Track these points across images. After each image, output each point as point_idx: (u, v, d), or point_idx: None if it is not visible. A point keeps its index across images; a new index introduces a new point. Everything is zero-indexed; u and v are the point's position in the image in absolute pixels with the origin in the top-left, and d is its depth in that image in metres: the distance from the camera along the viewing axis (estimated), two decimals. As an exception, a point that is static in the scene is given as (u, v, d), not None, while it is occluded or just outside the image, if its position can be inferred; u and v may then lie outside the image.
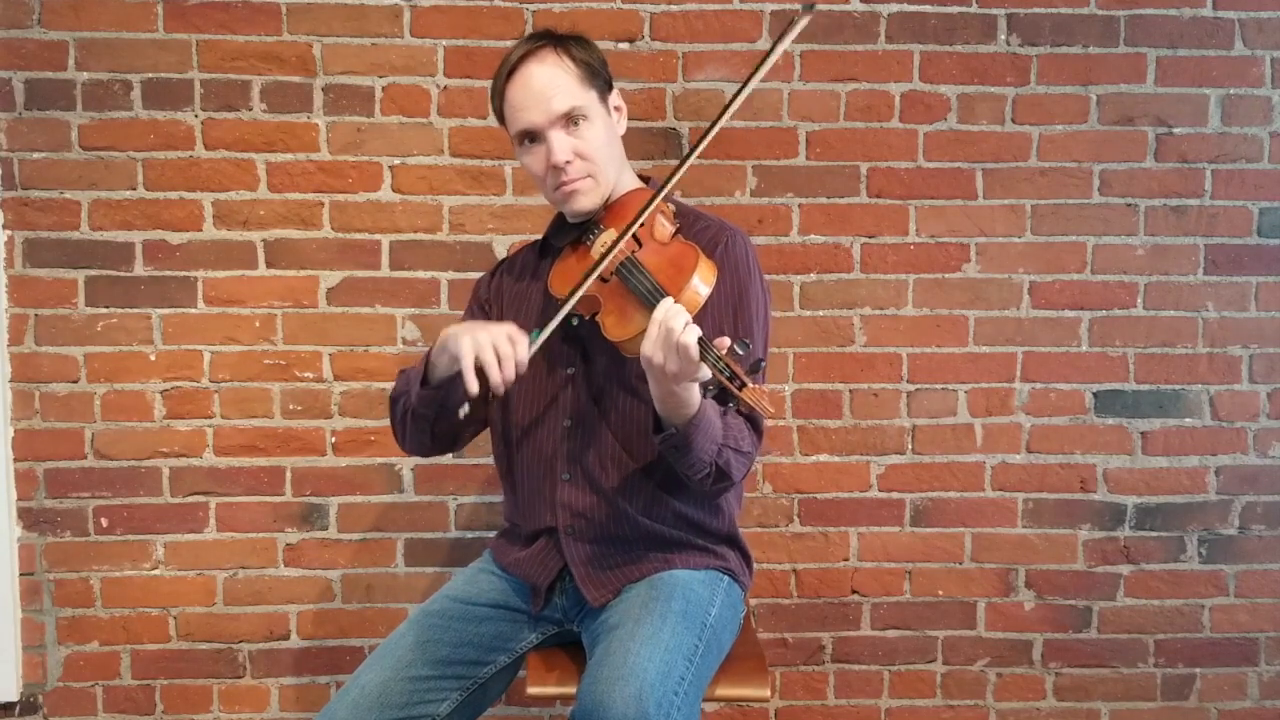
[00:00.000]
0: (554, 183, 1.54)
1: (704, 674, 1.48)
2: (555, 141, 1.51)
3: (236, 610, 2.20)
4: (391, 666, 1.51)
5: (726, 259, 1.54)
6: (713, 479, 1.47)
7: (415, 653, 1.53)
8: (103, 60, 2.09)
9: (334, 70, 2.12)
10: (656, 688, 1.33)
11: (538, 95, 1.51)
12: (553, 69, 1.53)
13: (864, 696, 2.27)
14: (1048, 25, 2.15)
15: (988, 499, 2.23)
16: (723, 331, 1.46)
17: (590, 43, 1.60)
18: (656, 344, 1.33)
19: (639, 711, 1.30)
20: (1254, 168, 2.18)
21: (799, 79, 2.15)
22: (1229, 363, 2.22)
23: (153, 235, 2.13)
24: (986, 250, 2.19)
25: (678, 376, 1.33)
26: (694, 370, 1.31)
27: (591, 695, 1.34)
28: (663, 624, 1.44)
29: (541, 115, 1.51)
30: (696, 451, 1.41)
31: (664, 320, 1.33)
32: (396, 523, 2.21)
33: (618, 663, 1.36)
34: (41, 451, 2.15)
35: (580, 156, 1.53)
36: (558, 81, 1.52)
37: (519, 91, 1.53)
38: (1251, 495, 2.24)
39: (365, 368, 2.17)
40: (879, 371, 2.20)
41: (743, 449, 1.48)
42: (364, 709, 1.46)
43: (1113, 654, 2.26)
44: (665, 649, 1.40)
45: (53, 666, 2.19)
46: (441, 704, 1.53)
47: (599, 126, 1.55)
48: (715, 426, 1.44)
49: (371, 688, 1.48)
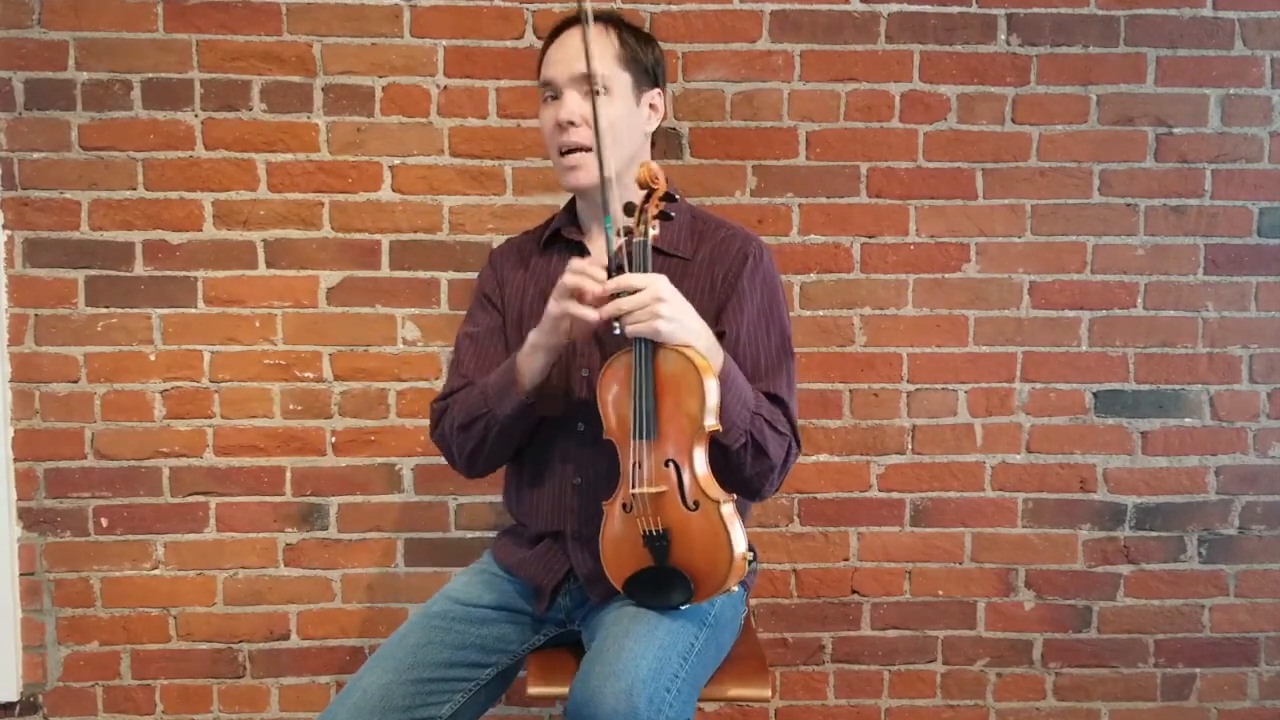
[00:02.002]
0: (557, 143, 1.57)
1: (700, 672, 1.48)
2: (567, 99, 1.55)
3: (236, 610, 2.20)
4: (393, 669, 1.51)
5: (758, 272, 1.58)
6: (750, 454, 1.47)
7: (417, 655, 1.53)
8: (103, 60, 2.09)
9: (334, 70, 2.12)
10: (648, 684, 1.33)
11: (569, 51, 1.55)
12: (595, 36, 1.53)
13: (864, 696, 2.27)
14: (1048, 25, 2.15)
15: (988, 499, 2.23)
16: (758, 342, 1.54)
17: (652, 41, 1.65)
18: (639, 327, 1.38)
19: (629, 707, 1.30)
20: (1254, 168, 2.18)
21: (799, 79, 2.15)
22: (1229, 363, 2.22)
23: (153, 235, 2.13)
24: (986, 250, 2.19)
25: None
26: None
27: (584, 690, 1.34)
28: (659, 621, 1.44)
29: (564, 70, 1.55)
30: (729, 412, 1.43)
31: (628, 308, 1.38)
32: (396, 523, 2.21)
33: (610, 659, 1.36)
34: (41, 451, 2.15)
35: (587, 123, 1.53)
36: (594, 48, 1.51)
37: (557, 47, 1.59)
38: (1251, 495, 2.24)
39: (365, 368, 2.17)
40: (879, 371, 2.20)
41: (778, 428, 1.50)
42: (366, 712, 1.46)
43: (1113, 654, 2.26)
44: (660, 646, 1.40)
45: (53, 666, 2.19)
46: (444, 706, 1.53)
47: (618, 107, 1.56)
48: (745, 390, 1.47)
49: (373, 690, 1.48)
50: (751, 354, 1.55)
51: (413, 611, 1.71)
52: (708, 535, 1.41)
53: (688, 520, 1.42)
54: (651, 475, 1.43)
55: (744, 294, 1.56)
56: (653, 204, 1.44)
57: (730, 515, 1.42)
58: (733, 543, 1.40)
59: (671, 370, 1.41)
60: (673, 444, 1.42)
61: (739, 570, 1.42)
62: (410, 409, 2.18)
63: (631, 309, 1.38)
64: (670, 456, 1.42)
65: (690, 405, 1.39)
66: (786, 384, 1.56)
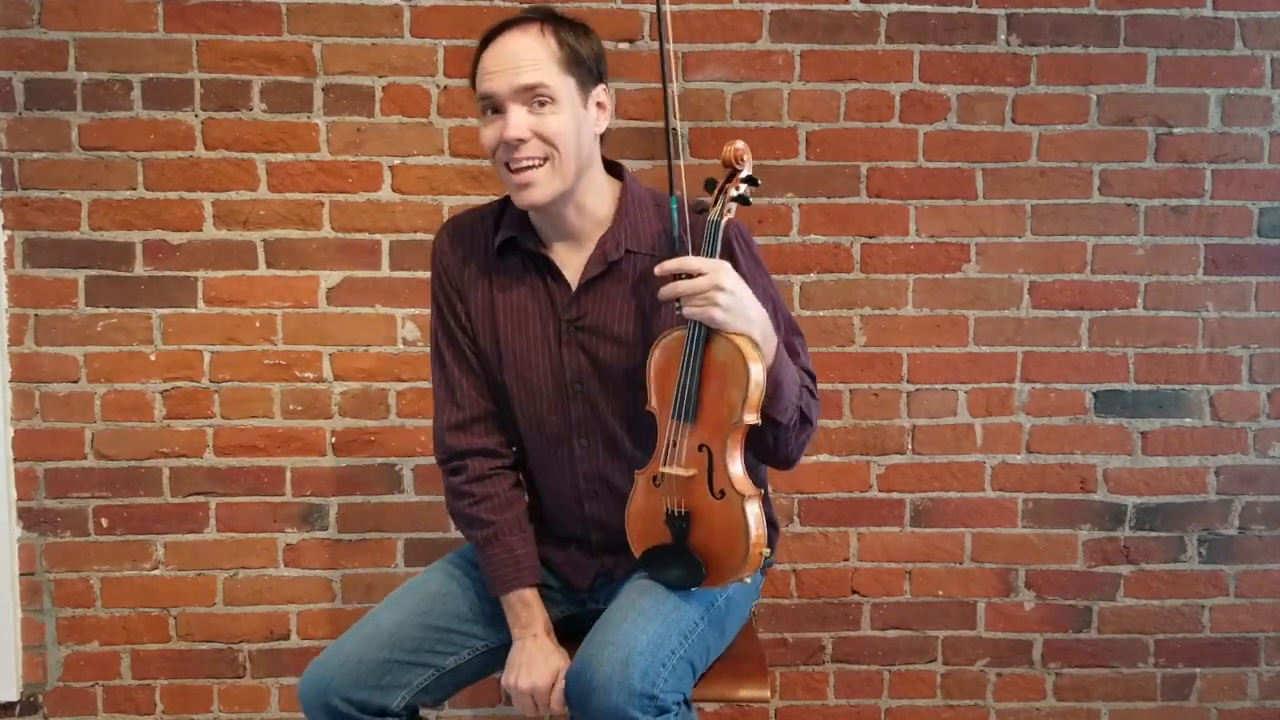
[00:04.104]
0: (505, 159, 1.46)
1: (700, 653, 1.49)
2: (513, 115, 1.43)
3: (236, 610, 2.20)
4: (410, 610, 1.53)
5: (747, 258, 1.54)
6: (797, 427, 1.48)
7: (435, 601, 1.56)
8: (103, 60, 2.09)
9: (334, 70, 2.12)
10: (645, 655, 1.36)
11: (506, 63, 1.44)
12: (532, 42, 1.45)
13: (864, 696, 2.27)
14: (1048, 25, 2.15)
15: (988, 499, 2.23)
16: (776, 325, 1.48)
17: (589, 33, 1.52)
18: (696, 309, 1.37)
19: (623, 677, 1.33)
20: (1254, 168, 2.18)
21: (799, 79, 2.15)
22: (1229, 363, 2.22)
23: (153, 235, 2.13)
24: (986, 250, 2.19)
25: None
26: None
27: (583, 657, 1.38)
28: (666, 598, 1.46)
29: (504, 84, 1.43)
30: (786, 392, 1.43)
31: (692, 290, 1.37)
32: (396, 523, 2.21)
33: (613, 630, 1.40)
34: (41, 451, 2.15)
35: (539, 138, 1.44)
36: (531, 55, 1.44)
37: (491, 56, 1.46)
38: (1251, 495, 2.24)
39: (365, 368, 2.17)
40: (879, 371, 2.20)
41: (815, 394, 1.52)
42: (375, 645, 1.49)
43: (1113, 654, 2.26)
44: (662, 621, 1.42)
45: (53, 666, 2.19)
46: (449, 658, 1.55)
47: (566, 115, 1.45)
48: (790, 366, 1.46)
49: (386, 626, 1.51)
50: None
51: (441, 560, 1.70)
52: (729, 525, 1.42)
53: (712, 507, 1.43)
54: (684, 457, 1.44)
55: (748, 278, 1.49)
56: (733, 184, 1.42)
57: (755, 512, 1.43)
58: (750, 536, 1.41)
59: (721, 358, 1.40)
60: (709, 430, 1.42)
61: (754, 563, 1.43)
62: (410, 409, 2.17)
63: (690, 293, 1.37)
64: (705, 442, 1.43)
65: (733, 396, 1.39)
66: (804, 352, 1.57)
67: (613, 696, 1.33)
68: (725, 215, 1.41)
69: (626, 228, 1.53)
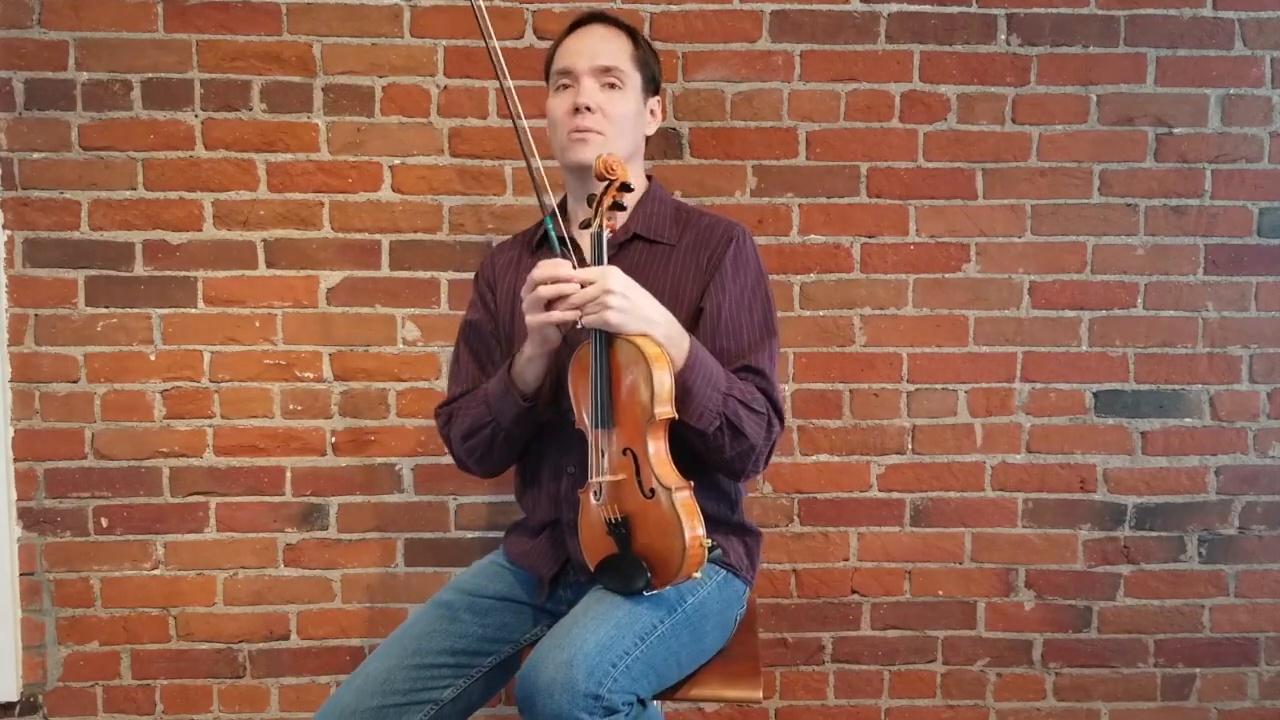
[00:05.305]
0: (569, 126, 1.61)
1: (662, 656, 1.49)
2: (586, 85, 1.61)
3: (236, 610, 2.20)
4: (397, 655, 1.56)
5: (741, 253, 1.62)
6: (728, 435, 1.49)
7: (420, 642, 1.58)
8: (103, 60, 2.09)
9: (334, 70, 2.12)
10: (590, 656, 1.37)
11: (590, 45, 1.64)
12: (613, 36, 1.66)
13: (864, 696, 2.27)
14: (1048, 25, 2.15)
15: (988, 499, 2.23)
16: (740, 320, 1.57)
17: (655, 52, 1.74)
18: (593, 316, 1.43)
19: (567, 677, 1.34)
20: (1254, 168, 2.18)
21: (799, 79, 2.15)
22: (1229, 363, 2.22)
23: (153, 235, 2.13)
24: (986, 250, 2.19)
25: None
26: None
27: (530, 662, 1.40)
28: (621, 603, 1.48)
29: (584, 62, 1.62)
30: (699, 397, 1.45)
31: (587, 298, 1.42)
32: (396, 523, 2.21)
33: (562, 634, 1.41)
34: (41, 451, 2.15)
35: (602, 112, 1.60)
36: (611, 45, 1.64)
37: (576, 38, 1.66)
38: (1251, 495, 2.24)
39: (365, 368, 2.17)
40: (879, 371, 2.20)
41: (754, 407, 1.51)
42: (368, 694, 1.52)
43: (1113, 654, 2.26)
44: (615, 624, 1.43)
45: (53, 666, 2.19)
46: (445, 690, 1.57)
47: (630, 101, 1.64)
48: (716, 373, 1.49)
49: (376, 674, 1.54)
50: (734, 331, 1.58)
51: (425, 602, 1.73)
52: (663, 523, 1.44)
53: (645, 508, 1.45)
54: (612, 464, 1.48)
55: (727, 274, 1.60)
56: (609, 195, 1.47)
57: (685, 502, 1.44)
58: (684, 530, 1.42)
59: (624, 360, 1.44)
60: (629, 432, 1.45)
61: (695, 557, 1.43)
62: (410, 409, 2.18)
63: (582, 301, 1.42)
64: (628, 445, 1.46)
65: (642, 394, 1.42)
66: (769, 359, 1.59)
67: (556, 698, 1.33)
68: (606, 224, 1.48)
69: (641, 216, 1.67)
